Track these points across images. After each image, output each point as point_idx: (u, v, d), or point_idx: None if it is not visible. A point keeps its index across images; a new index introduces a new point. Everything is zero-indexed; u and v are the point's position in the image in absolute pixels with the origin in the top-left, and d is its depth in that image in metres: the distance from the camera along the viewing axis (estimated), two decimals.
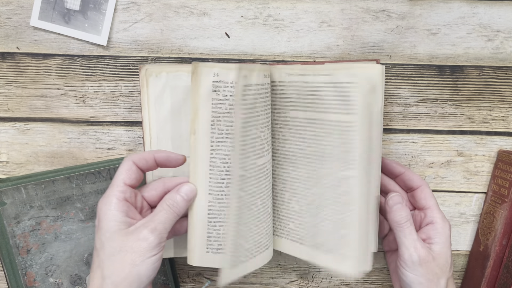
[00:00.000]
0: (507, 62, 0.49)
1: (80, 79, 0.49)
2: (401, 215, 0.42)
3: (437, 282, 0.41)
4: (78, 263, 0.47)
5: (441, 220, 0.43)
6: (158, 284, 0.49)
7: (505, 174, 0.49)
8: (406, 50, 0.49)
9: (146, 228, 0.37)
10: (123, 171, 0.39)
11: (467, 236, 0.52)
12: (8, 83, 0.49)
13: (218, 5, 0.48)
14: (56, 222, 0.46)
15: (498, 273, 0.49)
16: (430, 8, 0.48)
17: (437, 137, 0.50)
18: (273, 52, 0.49)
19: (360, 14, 0.48)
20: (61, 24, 0.47)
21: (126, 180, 0.39)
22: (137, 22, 0.48)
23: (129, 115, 0.50)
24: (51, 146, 0.50)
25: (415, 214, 0.46)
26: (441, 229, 0.43)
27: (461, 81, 0.49)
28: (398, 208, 0.43)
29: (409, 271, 0.41)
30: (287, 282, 0.53)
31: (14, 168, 0.50)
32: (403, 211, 0.42)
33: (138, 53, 0.49)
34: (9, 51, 0.48)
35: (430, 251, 0.41)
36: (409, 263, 0.41)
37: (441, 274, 0.41)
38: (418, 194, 0.45)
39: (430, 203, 0.44)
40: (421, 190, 0.45)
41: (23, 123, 0.50)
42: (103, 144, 0.50)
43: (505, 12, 0.48)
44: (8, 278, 0.45)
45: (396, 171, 0.46)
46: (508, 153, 0.49)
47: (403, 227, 0.42)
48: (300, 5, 0.48)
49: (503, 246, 0.48)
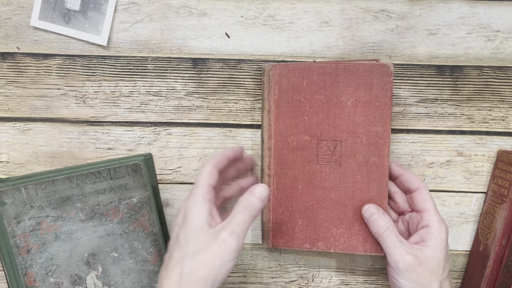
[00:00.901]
0: (507, 62, 0.49)
1: (80, 79, 0.49)
2: (379, 225, 0.43)
3: (429, 286, 0.41)
4: (78, 263, 0.47)
5: (437, 223, 0.43)
6: None
7: (505, 174, 0.49)
8: (406, 50, 0.49)
9: (225, 230, 0.38)
10: (206, 174, 0.41)
11: (467, 236, 0.52)
12: (8, 83, 0.49)
13: (218, 5, 0.48)
14: (56, 222, 0.46)
15: (498, 273, 0.49)
16: (430, 8, 0.48)
17: (437, 137, 0.51)
18: (273, 52, 0.49)
19: (360, 14, 0.48)
20: (61, 24, 0.47)
21: (209, 181, 0.41)
22: (137, 22, 0.48)
23: (129, 115, 0.50)
24: (51, 146, 0.50)
25: (413, 216, 0.46)
26: (436, 232, 0.43)
27: (461, 81, 0.50)
28: (374, 219, 0.43)
29: (399, 277, 0.42)
30: (287, 282, 0.53)
31: (15, 168, 0.50)
32: (380, 221, 0.43)
33: (138, 53, 0.49)
34: (10, 51, 0.48)
35: (417, 255, 0.42)
36: (397, 270, 0.42)
37: (432, 278, 0.41)
38: (416, 196, 0.45)
39: (428, 206, 0.44)
40: (419, 192, 0.45)
41: (24, 123, 0.50)
42: (103, 144, 0.50)
43: (505, 12, 0.48)
44: (8, 278, 0.45)
45: (395, 173, 0.46)
46: (508, 153, 0.49)
47: (383, 236, 0.43)
48: (300, 5, 0.48)
49: (503, 246, 0.48)
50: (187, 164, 0.51)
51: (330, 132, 0.45)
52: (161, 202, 0.51)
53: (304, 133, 0.45)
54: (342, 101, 0.45)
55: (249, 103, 0.50)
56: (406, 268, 0.41)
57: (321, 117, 0.45)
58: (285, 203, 0.47)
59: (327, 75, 0.44)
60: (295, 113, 0.45)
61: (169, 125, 0.50)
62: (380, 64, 0.44)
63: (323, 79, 0.44)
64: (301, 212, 0.47)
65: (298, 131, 0.45)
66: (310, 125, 0.45)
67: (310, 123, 0.45)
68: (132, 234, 0.48)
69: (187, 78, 0.49)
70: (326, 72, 0.44)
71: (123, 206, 0.47)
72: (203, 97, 0.50)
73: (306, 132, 0.45)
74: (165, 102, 0.50)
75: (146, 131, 0.50)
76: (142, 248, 0.48)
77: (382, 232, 0.43)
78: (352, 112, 0.45)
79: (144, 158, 0.48)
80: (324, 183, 0.46)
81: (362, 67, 0.44)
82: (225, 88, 0.50)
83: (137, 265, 0.48)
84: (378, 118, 0.44)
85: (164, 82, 0.49)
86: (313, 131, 0.45)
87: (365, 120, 0.45)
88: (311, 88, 0.45)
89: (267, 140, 0.47)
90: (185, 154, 0.50)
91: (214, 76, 0.49)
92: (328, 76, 0.44)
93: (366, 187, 0.45)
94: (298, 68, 0.45)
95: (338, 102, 0.45)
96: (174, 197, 0.51)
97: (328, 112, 0.45)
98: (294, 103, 0.45)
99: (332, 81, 0.44)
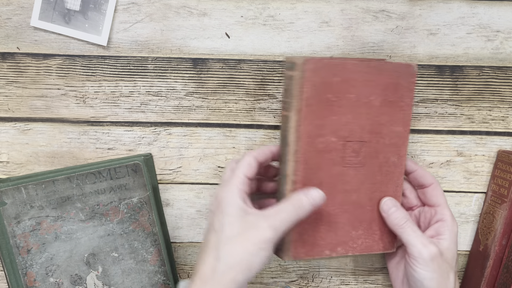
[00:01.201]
0: (507, 62, 0.49)
1: (81, 79, 0.49)
2: (399, 217, 0.43)
3: (447, 277, 0.42)
4: (78, 263, 0.47)
5: (450, 218, 0.44)
6: (158, 284, 0.49)
7: (504, 174, 0.49)
8: (406, 50, 0.49)
9: (267, 221, 0.38)
10: (245, 165, 0.41)
11: (466, 236, 0.52)
12: (8, 83, 0.49)
13: (218, 5, 0.48)
14: (56, 222, 0.46)
15: (498, 273, 0.49)
16: (430, 8, 0.48)
17: (437, 137, 0.51)
18: (273, 52, 0.49)
19: (360, 14, 0.48)
20: (61, 24, 0.47)
21: (247, 173, 0.40)
22: (137, 22, 0.48)
23: (129, 115, 0.50)
24: (52, 146, 0.50)
25: (425, 211, 0.47)
26: (450, 226, 0.44)
27: (461, 81, 0.50)
28: (393, 211, 0.43)
29: (420, 267, 0.41)
30: (287, 282, 0.53)
31: (15, 168, 0.50)
32: (399, 213, 0.43)
33: (138, 53, 0.49)
34: (10, 51, 0.48)
35: (438, 246, 0.42)
36: (420, 260, 0.41)
37: (450, 269, 0.42)
38: (429, 191, 0.46)
39: (441, 201, 0.45)
40: (433, 188, 0.46)
41: (24, 123, 0.50)
42: (103, 144, 0.50)
43: (505, 12, 0.48)
44: (9, 277, 0.45)
45: (409, 169, 0.47)
46: (508, 153, 0.49)
47: (404, 228, 0.42)
48: (300, 5, 0.48)
49: (503, 246, 0.48)
50: (187, 164, 0.51)
51: (357, 132, 0.43)
52: (161, 202, 0.51)
53: (332, 134, 0.42)
54: (371, 101, 0.43)
55: (249, 103, 0.50)
56: (431, 258, 0.41)
57: (350, 117, 0.43)
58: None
59: (360, 73, 0.42)
60: (324, 112, 0.42)
61: (169, 125, 0.50)
62: (406, 64, 0.43)
63: (355, 77, 0.42)
64: (323, 218, 0.44)
65: (325, 132, 0.42)
66: (338, 125, 0.42)
67: (338, 124, 0.42)
68: (132, 234, 0.48)
69: (187, 78, 0.49)
70: (359, 70, 0.42)
71: (123, 206, 0.47)
72: (203, 97, 0.50)
73: (334, 133, 0.42)
74: (165, 102, 0.50)
75: (146, 131, 0.50)
76: (142, 248, 0.48)
77: (402, 224, 0.42)
78: (379, 112, 0.43)
79: (144, 158, 0.48)
80: (346, 185, 0.44)
81: (391, 67, 0.43)
82: (225, 88, 0.50)
83: (137, 265, 0.49)
84: (401, 118, 0.44)
85: (164, 82, 0.49)
86: (340, 132, 0.43)
87: (389, 120, 0.44)
88: (343, 86, 0.42)
89: (293, 142, 0.42)
90: (185, 154, 0.50)
91: (214, 76, 0.49)
92: (360, 74, 0.42)
93: (385, 187, 0.45)
94: (331, 64, 0.42)
95: (367, 101, 0.43)
96: (174, 197, 0.51)
97: (356, 112, 0.43)
98: (324, 102, 0.42)
99: (364, 80, 0.42)
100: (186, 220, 0.52)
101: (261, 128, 0.50)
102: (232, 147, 0.50)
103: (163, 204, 0.51)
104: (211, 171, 0.51)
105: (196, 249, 0.52)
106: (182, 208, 0.51)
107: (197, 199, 0.51)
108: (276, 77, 0.49)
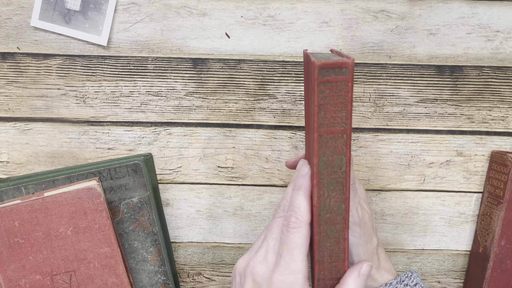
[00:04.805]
0: (507, 62, 0.49)
1: (81, 79, 0.49)
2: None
3: (370, 240, 0.40)
4: None
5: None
6: (158, 284, 0.49)
7: (499, 175, 0.49)
8: (406, 50, 0.49)
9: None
10: (304, 242, 0.34)
11: (466, 236, 0.52)
12: (8, 83, 0.49)
13: (218, 5, 0.48)
14: None
15: (499, 274, 0.49)
16: (430, 8, 0.48)
17: (437, 137, 0.51)
18: (273, 52, 0.49)
19: (360, 15, 0.48)
20: (61, 24, 0.47)
21: (306, 250, 0.34)
22: (137, 22, 0.48)
23: (129, 115, 0.50)
24: (52, 146, 0.50)
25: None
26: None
27: (461, 81, 0.50)
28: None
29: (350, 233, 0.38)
30: None
31: (15, 168, 0.50)
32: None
33: (138, 53, 0.49)
34: (10, 51, 0.49)
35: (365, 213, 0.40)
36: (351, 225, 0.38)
37: (373, 233, 0.40)
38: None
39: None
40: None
41: (24, 123, 0.50)
42: (103, 144, 0.50)
43: (504, 12, 0.48)
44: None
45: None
46: (501, 154, 0.49)
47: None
48: (300, 5, 0.48)
49: (502, 247, 0.48)
50: (187, 164, 0.51)
51: (61, 265, 0.45)
52: (161, 202, 0.51)
53: (35, 272, 0.44)
54: (61, 233, 0.44)
55: (249, 103, 0.50)
56: (359, 223, 0.39)
57: (46, 253, 0.44)
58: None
59: (37, 211, 0.44)
60: (18, 256, 0.44)
61: (169, 125, 0.50)
62: (86, 188, 0.44)
63: (34, 216, 0.44)
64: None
65: (27, 273, 0.44)
66: (37, 263, 0.44)
67: (37, 261, 0.44)
68: (132, 234, 0.48)
69: (187, 78, 0.49)
70: (35, 209, 0.44)
71: (123, 206, 0.48)
72: (203, 97, 0.50)
73: (36, 271, 0.45)
74: (165, 102, 0.50)
75: (146, 131, 0.50)
76: (142, 248, 0.48)
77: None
78: (75, 240, 0.45)
79: (144, 158, 0.48)
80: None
81: (70, 196, 0.44)
82: (225, 88, 0.50)
83: (137, 265, 0.49)
84: (103, 240, 0.45)
85: (164, 82, 0.49)
86: (43, 269, 0.45)
87: (91, 245, 0.45)
88: (26, 228, 0.44)
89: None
90: (185, 154, 0.51)
91: (214, 76, 0.49)
92: (38, 212, 0.44)
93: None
94: (4, 211, 0.44)
95: (57, 234, 0.44)
96: (174, 197, 0.51)
97: (51, 246, 0.45)
98: (13, 247, 0.44)
99: (45, 216, 0.44)
100: (186, 220, 0.52)
101: (261, 128, 0.50)
102: (232, 147, 0.51)
103: (163, 204, 0.51)
104: (211, 171, 0.51)
105: (196, 249, 0.53)
106: (182, 208, 0.52)
107: (197, 199, 0.51)
108: (276, 77, 0.49)
